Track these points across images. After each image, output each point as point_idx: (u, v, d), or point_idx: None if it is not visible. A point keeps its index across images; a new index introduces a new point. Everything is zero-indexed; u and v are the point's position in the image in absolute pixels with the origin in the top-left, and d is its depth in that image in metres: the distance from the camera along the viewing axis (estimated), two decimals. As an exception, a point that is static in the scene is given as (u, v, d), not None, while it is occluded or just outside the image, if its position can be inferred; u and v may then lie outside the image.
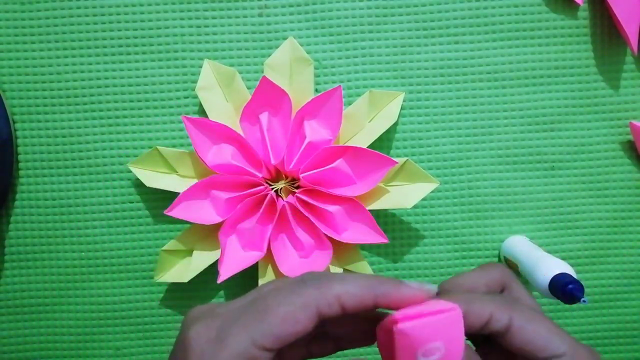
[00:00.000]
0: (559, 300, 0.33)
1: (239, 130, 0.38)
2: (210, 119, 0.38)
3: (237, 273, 0.37)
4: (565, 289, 0.31)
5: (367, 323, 0.22)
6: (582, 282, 0.42)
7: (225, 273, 0.37)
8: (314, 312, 0.19)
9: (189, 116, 0.37)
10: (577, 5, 0.41)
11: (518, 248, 0.39)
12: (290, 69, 0.39)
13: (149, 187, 0.40)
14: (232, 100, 0.39)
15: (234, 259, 0.38)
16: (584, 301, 0.31)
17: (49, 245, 0.41)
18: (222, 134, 0.38)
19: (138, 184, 0.41)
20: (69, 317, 0.42)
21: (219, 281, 0.37)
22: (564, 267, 0.33)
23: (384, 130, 0.39)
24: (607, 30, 0.41)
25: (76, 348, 0.42)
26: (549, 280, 0.33)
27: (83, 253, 0.41)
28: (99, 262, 0.41)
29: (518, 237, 0.41)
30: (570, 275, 0.33)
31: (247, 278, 0.41)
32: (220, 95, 0.39)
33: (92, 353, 0.42)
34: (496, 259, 0.42)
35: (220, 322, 0.20)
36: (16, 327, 0.42)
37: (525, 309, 0.21)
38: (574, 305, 0.42)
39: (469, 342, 0.23)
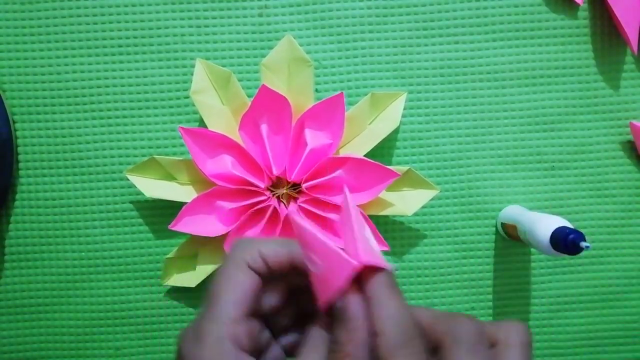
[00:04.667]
0: (563, 256, 0.32)
1: (238, 137, 0.38)
2: (208, 124, 0.38)
3: None
4: (567, 240, 0.32)
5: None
6: (584, 281, 0.42)
7: None
8: (245, 267, 0.21)
9: (185, 127, 0.36)
10: (577, 5, 0.41)
11: (516, 213, 0.39)
12: (288, 69, 0.38)
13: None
14: (229, 103, 0.38)
15: None
16: (587, 247, 0.31)
17: (49, 245, 0.41)
18: (220, 143, 0.37)
19: (138, 184, 0.41)
20: (69, 317, 0.42)
21: None
22: (562, 222, 0.34)
23: (386, 133, 0.38)
24: (607, 30, 0.41)
25: (76, 348, 0.42)
26: (549, 236, 0.33)
27: (83, 253, 0.41)
28: (99, 262, 0.41)
29: (514, 206, 0.41)
30: (569, 227, 0.33)
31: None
32: (216, 99, 0.38)
33: (92, 353, 0.42)
34: (496, 258, 0.42)
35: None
36: (16, 327, 0.42)
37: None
38: (574, 305, 0.42)
39: None
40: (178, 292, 0.42)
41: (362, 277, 0.19)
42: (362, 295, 0.19)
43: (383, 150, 0.41)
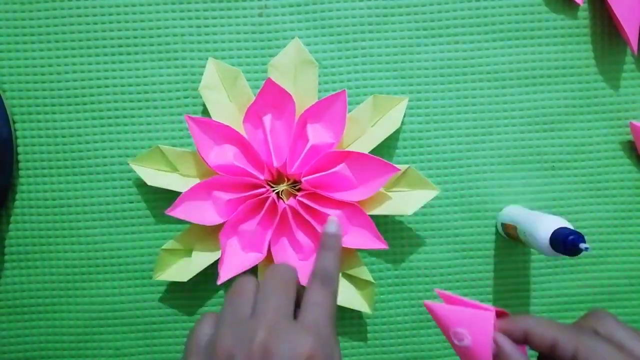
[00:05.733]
0: (563, 256, 0.32)
1: (242, 131, 0.38)
2: (214, 118, 0.38)
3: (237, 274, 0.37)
4: (566, 241, 0.31)
5: None
6: (584, 281, 0.42)
7: (225, 275, 0.37)
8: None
9: (192, 116, 0.37)
10: (577, 5, 0.41)
11: (516, 213, 0.39)
12: (294, 70, 0.39)
13: (149, 187, 0.40)
14: (236, 100, 0.39)
15: (234, 260, 0.38)
16: (587, 249, 0.30)
17: (49, 245, 0.41)
18: (224, 134, 0.38)
19: (138, 184, 0.41)
20: (69, 317, 0.42)
21: (219, 282, 0.37)
22: (562, 223, 0.33)
23: (387, 135, 0.39)
24: (607, 30, 0.41)
25: (76, 348, 0.42)
26: (549, 237, 0.33)
27: (83, 253, 0.41)
28: (99, 262, 0.41)
29: (514, 206, 0.41)
30: (569, 228, 0.32)
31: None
32: (224, 95, 0.39)
33: (92, 353, 0.42)
34: (496, 258, 0.42)
35: None
36: (16, 327, 0.42)
37: (597, 343, 0.22)
38: (574, 305, 0.42)
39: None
40: (178, 292, 0.42)
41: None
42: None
43: (383, 150, 0.41)
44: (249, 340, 0.23)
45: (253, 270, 0.39)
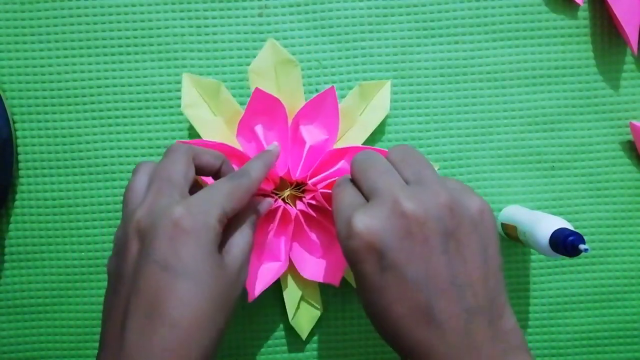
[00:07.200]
0: (562, 257, 0.32)
1: (235, 144, 0.38)
2: (203, 137, 0.38)
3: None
4: (566, 242, 0.31)
5: None
6: (584, 281, 0.42)
7: (258, 290, 0.37)
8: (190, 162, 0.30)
9: (182, 140, 0.36)
10: (577, 5, 0.41)
11: (515, 213, 0.39)
12: (275, 72, 0.38)
13: (149, 187, 0.40)
14: (221, 113, 0.38)
15: (259, 275, 0.38)
16: (586, 250, 0.30)
17: (49, 245, 0.41)
18: (220, 152, 0.37)
19: (138, 184, 0.41)
20: (69, 317, 0.42)
21: (250, 300, 0.37)
22: (562, 223, 0.33)
23: (377, 122, 0.38)
24: (607, 30, 0.41)
25: (76, 348, 0.42)
26: (549, 237, 0.33)
27: (83, 253, 0.41)
28: (99, 262, 0.41)
29: (514, 206, 0.41)
30: (569, 229, 0.32)
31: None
32: (207, 111, 0.38)
33: (92, 353, 0.42)
34: (496, 259, 0.42)
35: None
36: (16, 327, 0.42)
37: (365, 153, 0.30)
38: (574, 305, 0.42)
39: None
40: (178, 292, 0.42)
41: None
42: None
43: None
44: (129, 220, 0.27)
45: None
